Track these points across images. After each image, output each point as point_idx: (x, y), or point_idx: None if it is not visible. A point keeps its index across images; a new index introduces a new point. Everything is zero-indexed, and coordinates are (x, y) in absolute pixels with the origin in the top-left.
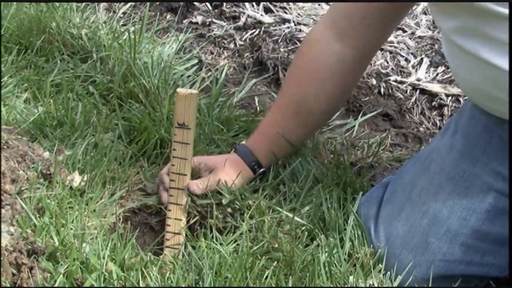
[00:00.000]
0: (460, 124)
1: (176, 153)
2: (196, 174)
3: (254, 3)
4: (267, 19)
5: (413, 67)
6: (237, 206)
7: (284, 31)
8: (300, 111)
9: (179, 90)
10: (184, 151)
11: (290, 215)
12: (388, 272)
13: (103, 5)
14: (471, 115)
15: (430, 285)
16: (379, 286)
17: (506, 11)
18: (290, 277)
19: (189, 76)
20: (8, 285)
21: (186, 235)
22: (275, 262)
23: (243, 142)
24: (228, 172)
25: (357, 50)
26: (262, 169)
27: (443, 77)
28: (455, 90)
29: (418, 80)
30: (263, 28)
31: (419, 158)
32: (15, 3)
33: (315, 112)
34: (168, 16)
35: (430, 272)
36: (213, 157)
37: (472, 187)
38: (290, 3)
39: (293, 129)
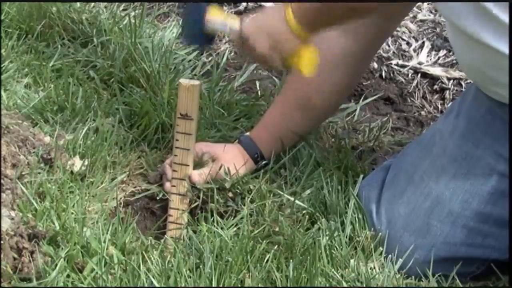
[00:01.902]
0: (463, 106)
1: (178, 143)
2: (198, 163)
3: None
4: (268, 3)
5: (414, 50)
6: (238, 190)
7: None
8: (304, 105)
9: (181, 81)
10: (187, 142)
11: (291, 198)
12: (389, 255)
13: None
14: (475, 97)
15: (431, 268)
16: (380, 269)
17: None
18: (291, 260)
19: (190, 60)
20: (9, 269)
21: (187, 219)
22: (276, 246)
23: (247, 134)
24: (231, 162)
25: (362, 43)
26: (264, 161)
27: (445, 61)
28: (456, 74)
29: (420, 63)
30: None
31: (421, 141)
32: None
33: (319, 106)
34: None
35: (431, 255)
36: (216, 146)
37: (475, 169)
38: None
39: (298, 121)
